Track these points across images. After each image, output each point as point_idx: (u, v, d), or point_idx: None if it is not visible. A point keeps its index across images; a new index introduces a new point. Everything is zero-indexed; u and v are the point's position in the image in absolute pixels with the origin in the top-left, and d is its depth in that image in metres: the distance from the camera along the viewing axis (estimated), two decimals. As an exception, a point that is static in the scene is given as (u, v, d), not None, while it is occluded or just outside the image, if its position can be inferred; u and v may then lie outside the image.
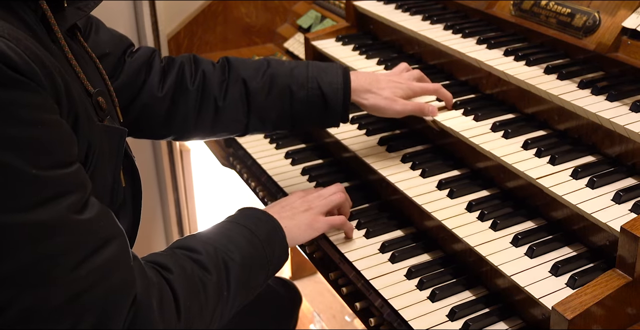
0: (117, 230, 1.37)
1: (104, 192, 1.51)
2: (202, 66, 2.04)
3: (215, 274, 1.55)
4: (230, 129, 2.07)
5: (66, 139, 1.30)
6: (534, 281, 1.64)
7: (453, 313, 1.73)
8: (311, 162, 2.44)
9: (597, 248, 1.73)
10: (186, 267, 1.51)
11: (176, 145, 3.51)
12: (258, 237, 1.71)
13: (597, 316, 1.50)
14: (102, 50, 1.94)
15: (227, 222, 1.76)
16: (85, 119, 1.40)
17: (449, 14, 2.52)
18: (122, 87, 1.97)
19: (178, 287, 1.45)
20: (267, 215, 1.81)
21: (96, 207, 1.33)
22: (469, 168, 2.08)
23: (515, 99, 2.10)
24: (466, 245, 1.79)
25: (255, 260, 1.68)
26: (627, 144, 1.78)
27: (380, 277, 1.87)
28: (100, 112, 1.51)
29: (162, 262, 1.50)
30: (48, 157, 1.24)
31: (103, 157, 1.48)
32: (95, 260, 1.29)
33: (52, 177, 1.24)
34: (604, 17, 2.04)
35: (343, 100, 2.01)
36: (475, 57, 2.16)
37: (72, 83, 1.38)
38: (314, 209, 1.92)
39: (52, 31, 1.43)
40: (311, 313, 3.45)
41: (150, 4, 3.21)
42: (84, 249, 1.28)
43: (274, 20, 3.52)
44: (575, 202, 1.68)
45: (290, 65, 2.06)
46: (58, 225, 1.24)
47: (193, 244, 1.60)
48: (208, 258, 1.56)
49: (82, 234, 1.28)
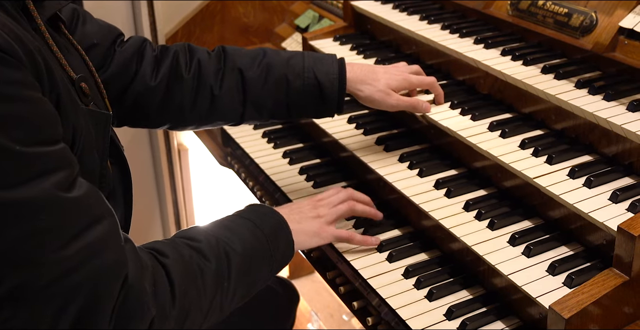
0: (106, 210, 1.35)
1: (91, 177, 1.47)
2: (197, 55, 2.04)
3: (215, 262, 1.54)
4: (226, 118, 2.07)
5: (50, 117, 1.29)
6: (531, 280, 1.64)
7: (450, 312, 1.73)
8: (309, 161, 2.44)
9: (594, 247, 1.73)
10: (184, 253, 1.50)
11: (174, 144, 3.52)
12: (262, 230, 1.70)
13: (594, 315, 1.50)
14: (90, 40, 1.94)
15: (232, 216, 1.75)
16: (69, 101, 1.39)
17: (447, 13, 2.52)
18: (114, 76, 1.96)
19: (174, 271, 1.44)
20: (274, 212, 1.80)
21: (84, 186, 1.31)
22: (466, 167, 2.08)
23: (512, 99, 2.11)
24: (463, 245, 1.79)
25: (258, 252, 1.67)
26: (624, 144, 1.79)
27: (377, 276, 1.87)
28: (84, 97, 1.50)
29: (159, 248, 1.49)
30: (32, 133, 1.23)
31: (89, 141, 1.46)
32: (84, 238, 1.27)
33: (37, 154, 1.23)
34: (601, 17, 2.04)
35: (339, 90, 2.02)
36: (473, 56, 2.17)
37: (55, 67, 1.37)
38: (322, 217, 1.90)
39: (34, 21, 1.43)
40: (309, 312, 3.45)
41: (148, 4, 3.21)
42: (72, 227, 1.26)
43: (272, 20, 3.52)
44: (572, 201, 1.68)
45: (286, 54, 2.06)
46: (45, 203, 1.23)
47: (194, 234, 1.60)
48: (208, 246, 1.56)
49: (70, 212, 1.26)
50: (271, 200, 2.30)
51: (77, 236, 1.26)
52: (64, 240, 1.25)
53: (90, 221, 1.29)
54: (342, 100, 2.04)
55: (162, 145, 3.51)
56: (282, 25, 3.49)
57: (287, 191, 2.26)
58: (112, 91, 1.89)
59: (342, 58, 2.07)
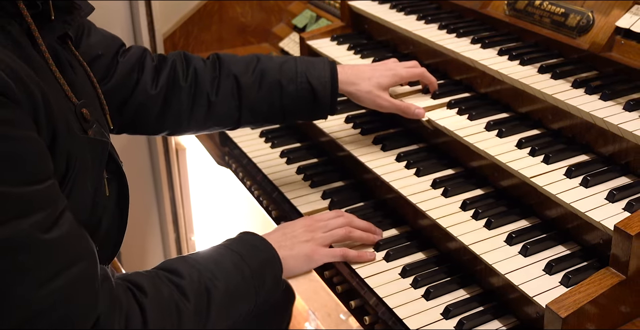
0: (85, 251, 1.36)
1: (84, 202, 1.49)
2: (193, 63, 2.07)
3: (194, 301, 1.53)
4: (222, 123, 2.11)
5: (39, 155, 1.29)
6: (528, 279, 1.64)
7: (447, 311, 1.73)
8: (306, 161, 2.44)
9: (590, 246, 1.73)
10: (163, 291, 1.50)
11: (172, 144, 3.52)
12: (249, 265, 1.68)
13: (591, 314, 1.50)
14: (95, 52, 1.95)
15: (221, 247, 1.73)
16: (66, 132, 1.39)
17: (444, 13, 2.53)
18: (116, 87, 1.98)
19: (149, 310, 1.44)
20: (265, 243, 1.78)
21: (66, 225, 1.32)
22: (463, 167, 2.08)
23: (509, 98, 2.11)
24: (460, 244, 1.79)
25: (241, 290, 1.65)
26: (621, 143, 1.79)
27: (375, 276, 1.87)
28: (85, 123, 1.51)
29: (139, 283, 1.48)
30: (16, 173, 1.23)
31: (85, 167, 1.47)
32: (58, 281, 1.27)
33: (20, 194, 1.23)
34: (597, 16, 2.05)
35: (331, 93, 2.07)
36: (470, 56, 2.17)
37: (55, 95, 1.38)
38: (316, 240, 1.88)
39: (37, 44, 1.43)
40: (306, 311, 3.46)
41: (146, 4, 3.21)
42: (47, 269, 1.27)
43: (269, 20, 3.52)
44: (569, 201, 1.69)
45: (279, 60, 2.10)
46: (21, 244, 1.23)
47: (177, 267, 1.58)
48: (190, 283, 1.54)
49: (47, 254, 1.27)
50: (269, 199, 2.30)
51: (51, 278, 1.27)
52: (38, 282, 1.25)
53: (67, 264, 1.30)
54: (334, 103, 2.09)
55: (160, 144, 3.51)
56: (280, 25, 3.50)
57: (285, 191, 2.26)
58: (113, 102, 1.91)
59: (334, 61, 2.12)
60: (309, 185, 2.28)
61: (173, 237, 3.84)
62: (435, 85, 2.21)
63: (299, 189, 2.28)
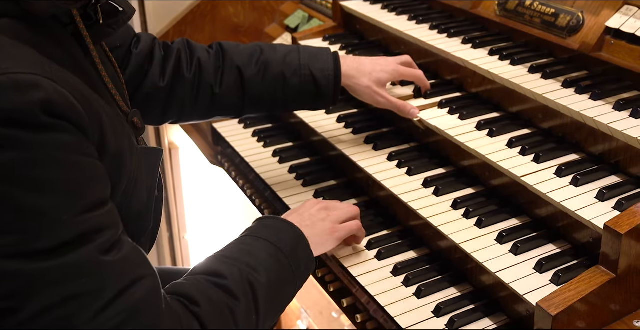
0: (146, 270, 1.35)
1: (139, 207, 1.51)
2: (197, 53, 2.08)
3: (244, 299, 1.50)
4: (225, 113, 2.13)
5: (100, 181, 1.30)
6: (519, 278, 1.66)
7: (439, 309, 1.74)
8: (298, 160, 2.45)
9: (580, 245, 1.75)
10: (212, 296, 1.47)
11: (165, 143, 3.52)
12: (283, 251, 1.65)
13: (581, 312, 1.51)
14: (114, 43, 1.96)
15: (247, 237, 1.69)
16: (128, 147, 1.41)
17: (435, 14, 2.54)
18: (129, 78, 1.99)
19: (206, 319, 1.41)
20: (287, 223, 1.76)
21: (126, 246, 1.32)
22: (454, 166, 2.09)
23: (500, 98, 2.12)
24: (451, 243, 1.80)
25: (282, 277, 1.63)
26: (611, 142, 1.81)
27: (366, 274, 1.88)
28: (137, 131, 1.53)
29: (187, 293, 1.45)
30: (79, 201, 1.24)
31: (140, 178, 1.49)
32: (122, 301, 1.27)
33: (81, 221, 1.24)
34: (587, 17, 2.06)
35: (334, 85, 2.08)
36: (461, 56, 2.18)
37: (110, 109, 1.39)
38: (331, 217, 1.86)
39: (85, 45, 1.44)
40: (298, 309, 3.46)
41: (139, 4, 3.22)
42: (111, 289, 1.26)
43: (262, 20, 3.52)
44: (559, 199, 1.70)
45: (282, 51, 2.11)
46: (85, 267, 1.24)
47: (217, 267, 1.55)
48: (234, 283, 1.51)
49: (110, 274, 1.27)
50: (261, 198, 2.31)
51: (115, 298, 1.27)
52: (102, 303, 1.25)
53: (130, 283, 1.29)
54: (337, 95, 2.11)
55: (153, 143, 3.51)
56: (272, 26, 3.50)
57: (277, 189, 2.27)
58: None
59: (336, 52, 2.12)
60: (301, 185, 2.29)
61: (166, 236, 3.84)
62: (428, 88, 2.23)
63: (291, 188, 2.28)
